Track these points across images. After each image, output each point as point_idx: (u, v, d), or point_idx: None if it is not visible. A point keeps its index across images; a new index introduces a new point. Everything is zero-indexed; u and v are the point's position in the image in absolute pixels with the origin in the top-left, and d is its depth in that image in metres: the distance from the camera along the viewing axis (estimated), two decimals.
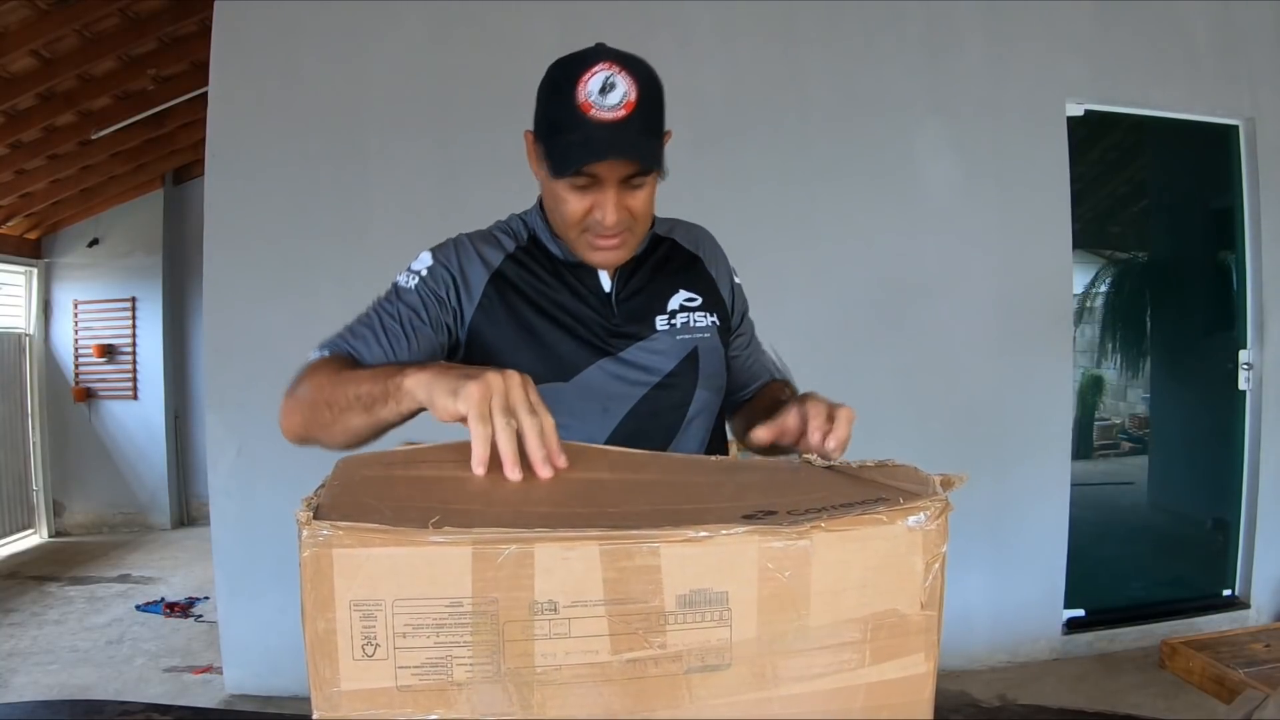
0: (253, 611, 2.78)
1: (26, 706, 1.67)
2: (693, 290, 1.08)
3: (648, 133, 0.91)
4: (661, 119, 0.94)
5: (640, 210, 0.96)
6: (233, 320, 2.83)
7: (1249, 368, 3.18)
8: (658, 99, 0.93)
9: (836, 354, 2.89)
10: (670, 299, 1.06)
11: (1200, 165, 3.31)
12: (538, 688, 0.53)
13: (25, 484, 5.56)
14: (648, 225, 1.02)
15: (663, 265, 1.09)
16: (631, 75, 0.89)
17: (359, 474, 0.66)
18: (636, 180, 0.93)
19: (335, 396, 0.86)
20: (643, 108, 0.89)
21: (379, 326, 1.02)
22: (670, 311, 1.06)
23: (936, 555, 0.58)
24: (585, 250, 0.99)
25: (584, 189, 0.93)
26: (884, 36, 2.95)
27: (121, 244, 5.73)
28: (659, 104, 0.93)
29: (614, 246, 0.97)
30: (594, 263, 1.00)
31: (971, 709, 1.43)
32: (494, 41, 2.81)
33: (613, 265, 1.01)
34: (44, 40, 3.65)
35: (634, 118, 0.89)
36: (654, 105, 0.92)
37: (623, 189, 0.93)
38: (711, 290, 1.10)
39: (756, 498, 0.64)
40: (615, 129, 0.88)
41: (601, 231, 0.95)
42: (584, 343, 1.01)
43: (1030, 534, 2.99)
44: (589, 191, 0.93)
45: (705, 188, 2.82)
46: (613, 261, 1.00)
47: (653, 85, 0.92)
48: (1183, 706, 2.34)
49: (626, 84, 0.89)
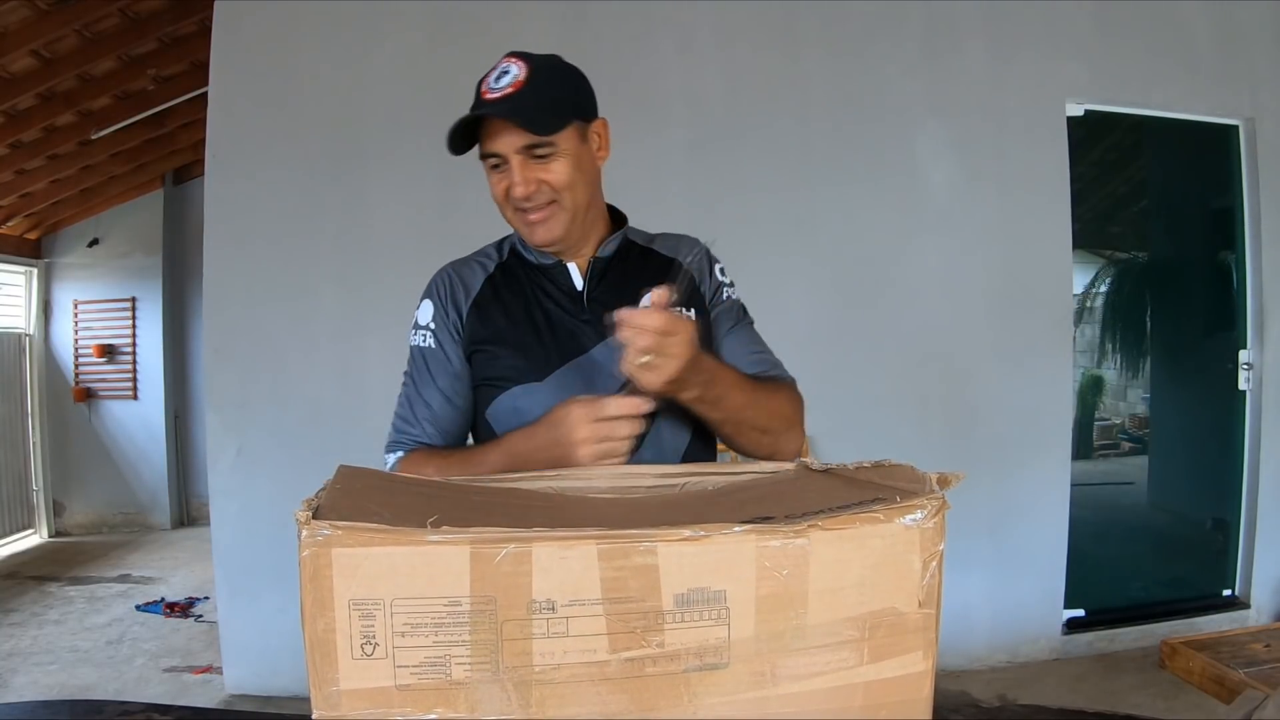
0: (253, 611, 2.78)
1: (26, 706, 1.67)
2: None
3: (538, 106, 0.96)
4: (562, 97, 0.99)
5: (558, 182, 1.00)
6: (233, 320, 2.83)
7: (1249, 368, 3.18)
8: (556, 80, 0.99)
9: (836, 354, 2.89)
10: (643, 297, 1.06)
11: (1200, 165, 3.31)
12: (536, 687, 0.53)
13: (25, 484, 5.56)
14: (580, 199, 1.03)
15: (638, 266, 1.10)
16: (526, 63, 0.98)
17: (360, 481, 0.66)
18: (540, 151, 0.98)
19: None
20: (533, 84, 0.96)
21: (423, 405, 1.09)
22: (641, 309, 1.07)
23: (934, 553, 0.58)
24: (525, 231, 1.04)
25: (496, 168, 1.00)
26: (884, 38, 2.95)
27: (121, 244, 5.73)
28: (558, 83, 0.99)
29: (541, 220, 1.01)
30: (533, 242, 1.05)
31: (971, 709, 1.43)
32: (494, 43, 2.80)
33: (548, 242, 1.04)
34: (44, 40, 3.65)
35: (521, 92, 0.95)
36: (548, 83, 0.97)
37: (530, 161, 0.98)
38: (690, 284, 1.10)
39: (755, 508, 0.64)
40: (498, 102, 0.96)
41: (524, 206, 1.00)
42: (556, 342, 1.05)
43: (1030, 534, 2.99)
44: (502, 171, 1.00)
45: (705, 189, 2.83)
46: (546, 237, 1.03)
47: (550, 69, 0.99)
48: (1183, 706, 2.34)
49: (518, 68, 0.97)
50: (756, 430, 1.01)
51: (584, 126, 1.02)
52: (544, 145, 0.98)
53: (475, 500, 0.67)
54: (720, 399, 0.96)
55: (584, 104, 1.03)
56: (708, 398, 0.94)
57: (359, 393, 2.78)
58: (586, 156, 1.03)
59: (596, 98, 1.07)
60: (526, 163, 0.98)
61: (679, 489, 0.81)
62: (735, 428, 1.00)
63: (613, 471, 0.84)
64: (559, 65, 1.02)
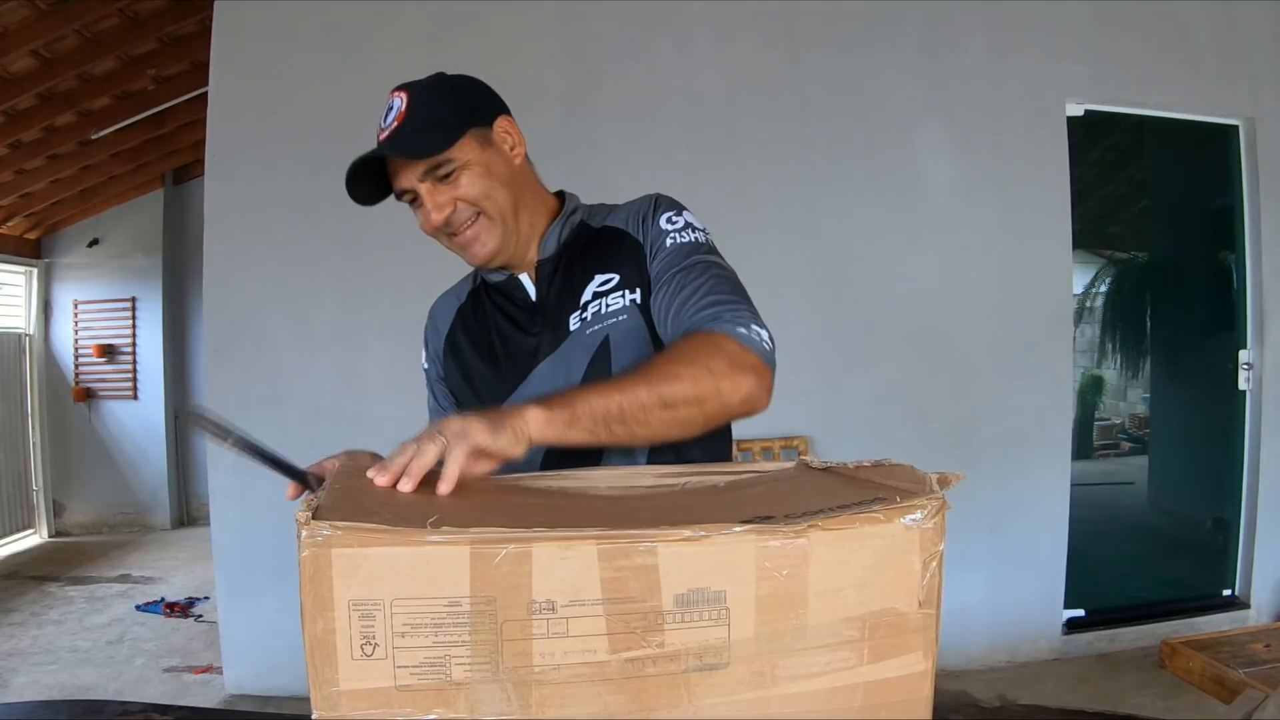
0: (253, 611, 2.78)
1: (26, 706, 1.67)
2: (609, 269, 1.01)
3: (421, 129, 0.93)
4: (443, 113, 0.95)
5: (471, 194, 0.96)
6: (233, 320, 2.83)
7: (1249, 368, 3.18)
8: (433, 98, 0.96)
9: (836, 354, 2.90)
10: (584, 291, 1.01)
11: (1200, 165, 3.31)
12: (536, 687, 0.53)
13: (25, 484, 5.56)
14: (503, 205, 0.98)
15: (582, 255, 1.03)
16: (407, 93, 0.95)
17: (360, 481, 0.66)
18: (442, 171, 0.95)
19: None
20: (414, 112, 0.94)
21: (437, 407, 1.13)
22: (583, 304, 1.01)
23: (934, 553, 0.58)
24: (463, 255, 1.02)
25: (414, 204, 0.98)
26: (884, 38, 2.95)
27: (121, 244, 5.73)
28: (435, 102, 0.96)
29: (474, 237, 0.98)
30: (474, 263, 1.02)
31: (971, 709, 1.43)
32: (494, 42, 2.81)
33: (487, 257, 1.00)
34: (44, 40, 3.66)
35: (403, 125, 0.94)
36: (428, 104, 0.95)
37: (437, 185, 0.96)
38: (631, 257, 1.01)
39: (755, 507, 0.64)
40: (384, 142, 0.95)
41: (450, 230, 0.98)
42: (512, 366, 1.02)
43: (1030, 534, 2.98)
44: (419, 206, 0.98)
45: (705, 189, 2.82)
46: (483, 253, 0.99)
47: (428, 90, 0.96)
48: (1183, 706, 2.34)
49: (400, 101, 0.95)
50: (684, 405, 0.82)
51: (483, 132, 0.98)
52: (442, 165, 0.95)
53: (474, 500, 0.67)
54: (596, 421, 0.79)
55: (474, 111, 0.99)
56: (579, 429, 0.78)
57: (359, 393, 2.78)
58: (497, 160, 0.98)
59: (498, 97, 1.03)
60: (435, 187, 0.96)
61: (680, 488, 0.81)
62: (659, 422, 0.82)
63: (613, 473, 0.84)
64: (439, 83, 0.99)
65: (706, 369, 0.83)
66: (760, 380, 0.86)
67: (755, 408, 0.87)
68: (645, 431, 0.81)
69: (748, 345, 0.88)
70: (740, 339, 0.88)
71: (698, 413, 0.83)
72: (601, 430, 0.79)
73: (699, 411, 0.83)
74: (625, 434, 0.80)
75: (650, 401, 0.80)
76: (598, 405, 0.79)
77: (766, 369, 0.88)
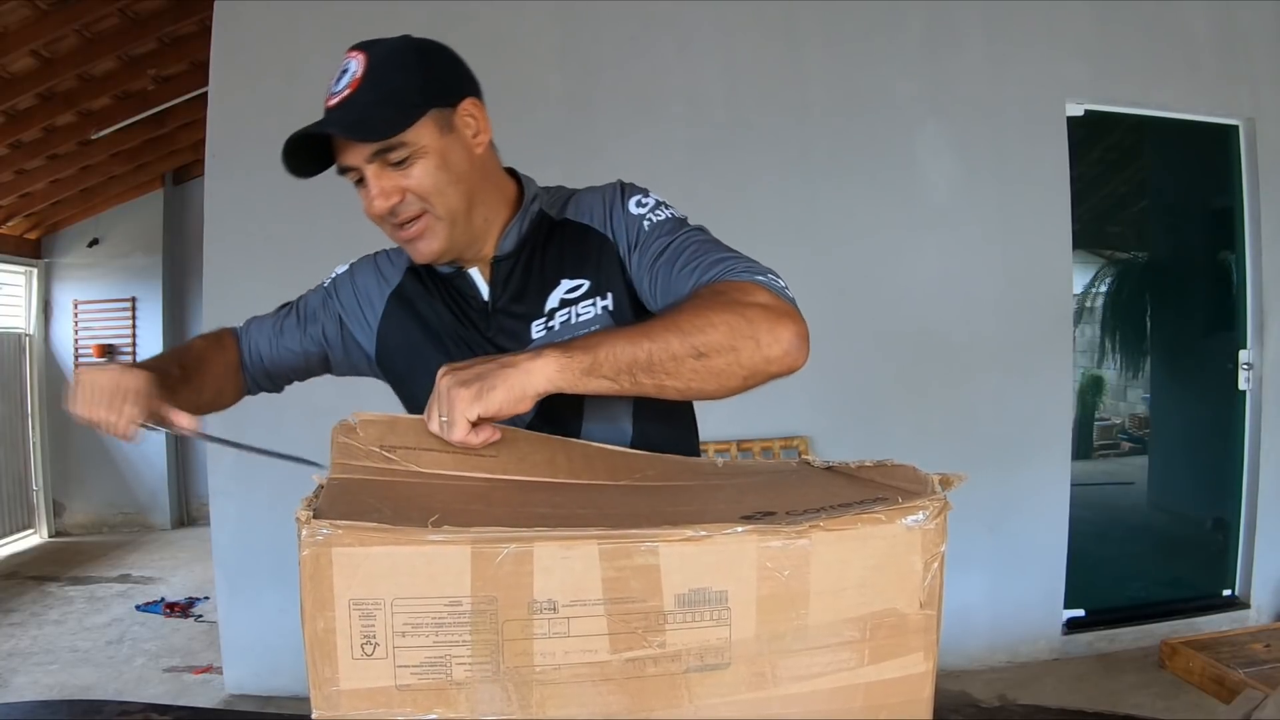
0: (253, 611, 2.78)
1: (26, 706, 1.67)
2: (579, 274, 0.92)
3: (375, 103, 0.83)
4: (404, 86, 0.84)
5: (421, 188, 0.86)
6: (233, 320, 2.82)
7: (1249, 368, 3.18)
8: (395, 67, 0.85)
9: (836, 354, 2.89)
10: (549, 297, 0.92)
11: (1200, 165, 3.31)
12: (537, 687, 0.53)
13: (25, 484, 5.56)
14: (455, 204, 0.88)
15: (544, 256, 0.94)
16: (364, 54, 0.85)
17: (359, 477, 0.66)
18: (394, 156, 0.84)
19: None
20: (371, 79, 0.83)
21: (274, 344, 1.14)
22: (548, 312, 0.92)
23: (935, 554, 0.58)
24: (406, 249, 0.92)
25: (358, 184, 0.88)
26: (884, 36, 2.95)
27: (121, 244, 5.73)
28: (397, 71, 0.85)
29: (415, 235, 0.88)
30: (417, 260, 0.92)
31: (971, 709, 1.43)
32: (494, 42, 2.81)
33: (432, 257, 0.90)
34: (44, 40, 3.65)
35: (356, 93, 0.83)
36: (387, 72, 0.84)
37: (385, 169, 0.85)
38: (603, 257, 0.93)
39: (755, 500, 0.64)
40: (334, 110, 0.84)
41: (394, 222, 0.88)
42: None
43: (1030, 534, 2.98)
44: (363, 187, 0.87)
45: (705, 188, 2.82)
46: (428, 252, 0.89)
47: (390, 55, 0.85)
48: (1183, 706, 2.34)
49: (357, 63, 0.84)
50: (718, 354, 0.75)
51: (444, 114, 0.86)
52: (394, 148, 0.84)
53: (475, 492, 0.67)
54: (620, 370, 0.73)
55: (439, 88, 0.87)
56: (599, 377, 0.73)
57: (358, 393, 2.76)
58: (456, 149, 0.87)
59: (470, 74, 0.92)
60: (382, 171, 0.85)
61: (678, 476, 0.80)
62: (691, 372, 0.75)
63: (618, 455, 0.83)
64: (404, 48, 0.87)
65: (743, 316, 0.76)
66: (799, 331, 0.79)
67: (795, 363, 0.79)
68: (675, 383, 0.75)
69: (780, 295, 0.81)
70: (773, 288, 0.81)
71: (733, 362, 0.75)
72: (625, 380, 0.73)
73: (734, 361, 0.75)
74: (652, 385, 0.74)
75: (682, 350, 0.73)
76: (624, 352, 0.73)
77: (804, 321, 0.81)
